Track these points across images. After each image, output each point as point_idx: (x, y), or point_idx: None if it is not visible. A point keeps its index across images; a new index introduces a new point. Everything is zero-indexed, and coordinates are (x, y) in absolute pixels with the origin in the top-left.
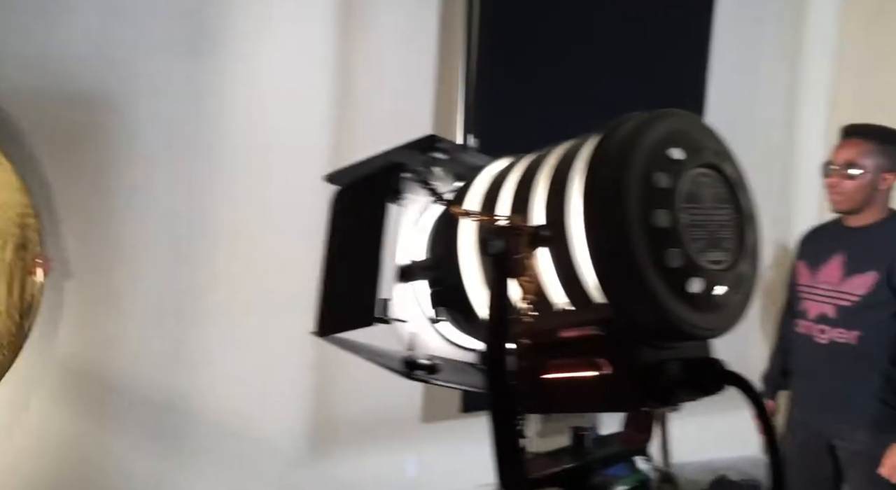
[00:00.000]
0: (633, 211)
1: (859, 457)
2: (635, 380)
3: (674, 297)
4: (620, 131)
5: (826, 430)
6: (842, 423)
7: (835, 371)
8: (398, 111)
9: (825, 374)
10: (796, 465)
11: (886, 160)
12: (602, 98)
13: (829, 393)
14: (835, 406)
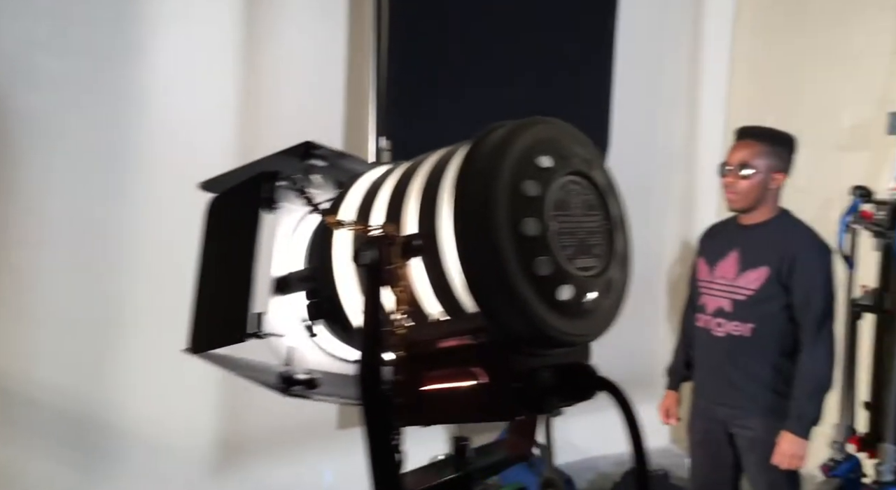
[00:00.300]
0: (502, 220)
1: (755, 443)
2: (509, 388)
3: (544, 305)
4: (489, 140)
5: (725, 418)
6: (738, 411)
7: (731, 362)
8: (308, 113)
9: (722, 366)
10: (699, 452)
11: (776, 161)
12: (513, 99)
13: (726, 383)
14: (731, 395)
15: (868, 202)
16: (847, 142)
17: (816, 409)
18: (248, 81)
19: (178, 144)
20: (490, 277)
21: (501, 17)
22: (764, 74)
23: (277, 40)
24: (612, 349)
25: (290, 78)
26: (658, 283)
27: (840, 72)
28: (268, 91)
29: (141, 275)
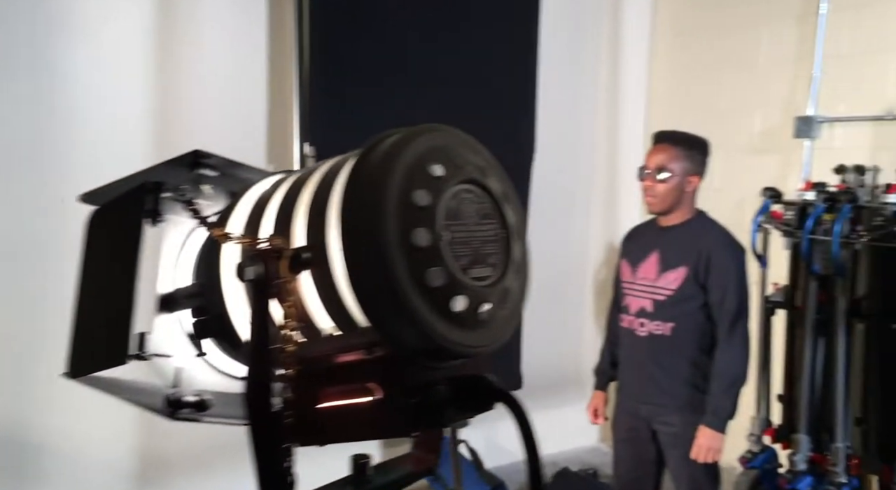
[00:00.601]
0: (392, 231)
1: (676, 439)
2: (405, 403)
3: (438, 317)
4: (378, 150)
5: (648, 415)
6: (660, 408)
7: (653, 361)
8: (229, 119)
9: (645, 364)
10: (623, 449)
11: (691, 164)
12: (439, 103)
13: (648, 381)
14: (654, 393)
15: (778, 203)
16: (758, 145)
17: (731, 403)
18: (165, 88)
19: (91, 153)
20: (380, 290)
21: (426, 21)
22: (681, 79)
23: (195, 45)
24: (542, 351)
25: (210, 83)
26: (585, 285)
27: (750, 78)
28: (186, 97)
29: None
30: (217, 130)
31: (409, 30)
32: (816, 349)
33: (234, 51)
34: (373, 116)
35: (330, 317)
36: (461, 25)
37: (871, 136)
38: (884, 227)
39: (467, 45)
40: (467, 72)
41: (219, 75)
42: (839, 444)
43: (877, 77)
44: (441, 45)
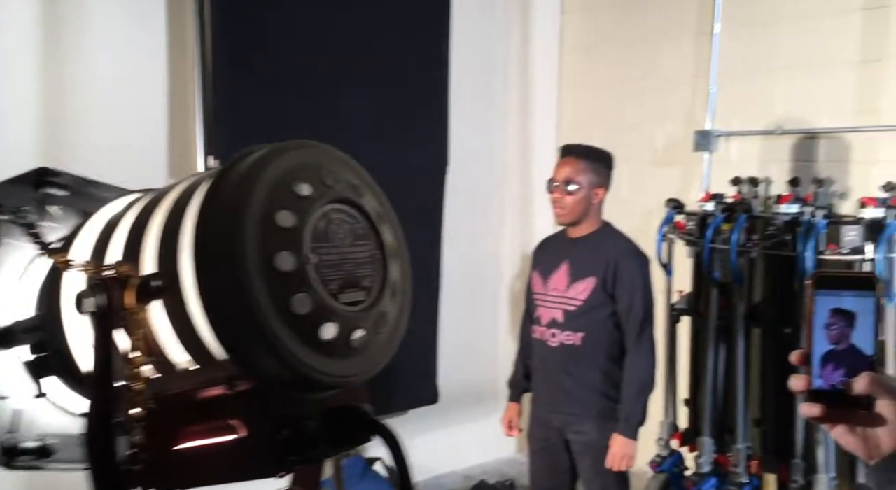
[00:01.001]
0: (251, 255)
1: (588, 448)
2: (271, 440)
3: (304, 346)
4: (238, 168)
5: (561, 425)
6: (572, 417)
7: (565, 371)
8: (126, 131)
9: (557, 375)
10: (538, 460)
11: (597, 177)
12: (351, 114)
13: (560, 391)
14: (566, 403)
15: (681, 213)
16: (662, 157)
17: (642, 410)
18: (56, 100)
19: None
20: (238, 320)
21: (335, 31)
22: (589, 93)
23: (88, 54)
24: (458, 364)
25: (104, 94)
26: (499, 297)
27: (653, 92)
28: (79, 109)
29: None
30: (112, 145)
31: (318, 40)
32: (718, 354)
33: (130, 59)
34: (281, 128)
35: (185, 350)
36: (370, 37)
37: (763, 149)
38: (776, 236)
39: (377, 56)
40: (377, 84)
41: (115, 86)
42: (740, 445)
43: (767, 93)
44: (350, 55)
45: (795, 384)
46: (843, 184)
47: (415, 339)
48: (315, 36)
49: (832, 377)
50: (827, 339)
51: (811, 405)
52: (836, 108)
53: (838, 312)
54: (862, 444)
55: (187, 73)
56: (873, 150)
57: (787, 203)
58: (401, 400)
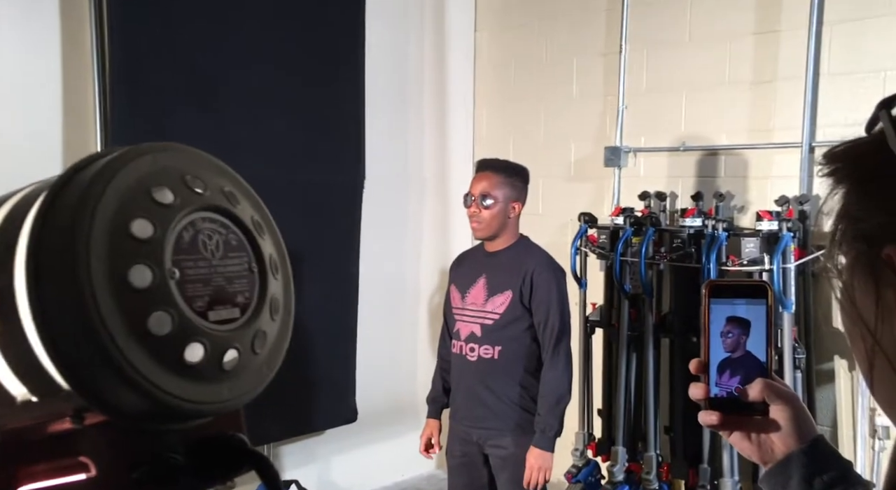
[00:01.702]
0: (99, 270)
1: (506, 462)
2: (124, 479)
3: (165, 371)
4: (86, 172)
5: (479, 439)
6: (491, 431)
7: (483, 384)
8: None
9: (475, 389)
10: (457, 475)
11: (513, 191)
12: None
13: (479, 405)
14: (484, 417)
15: (593, 227)
16: (575, 173)
17: (558, 421)
18: None
19: None
20: (81, 345)
21: (246, 48)
22: (504, 110)
23: None
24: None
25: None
26: (418, 312)
27: (565, 110)
28: None
29: None
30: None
31: (227, 55)
32: (630, 364)
33: (22, 68)
34: (187, 139)
35: (21, 380)
36: (282, 53)
37: (669, 165)
38: (682, 249)
39: (289, 73)
40: (289, 100)
41: (6, 88)
42: (651, 452)
43: (671, 112)
44: (262, 72)
45: (694, 392)
46: (742, 198)
47: (332, 358)
48: (224, 52)
49: (729, 384)
50: (723, 347)
51: (709, 413)
52: (734, 126)
53: (733, 320)
54: (757, 450)
55: (84, 79)
56: (768, 166)
57: (691, 217)
58: (319, 420)
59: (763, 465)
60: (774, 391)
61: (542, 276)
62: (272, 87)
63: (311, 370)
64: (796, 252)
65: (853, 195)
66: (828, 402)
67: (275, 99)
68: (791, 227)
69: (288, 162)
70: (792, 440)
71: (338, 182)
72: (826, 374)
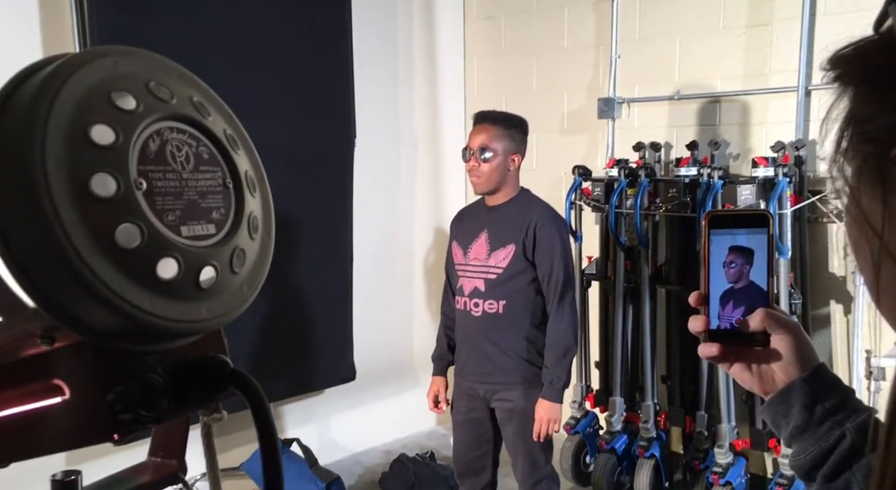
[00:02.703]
0: (57, 177)
1: (513, 414)
2: (99, 401)
3: (137, 286)
4: (40, 74)
5: (486, 394)
6: (497, 385)
7: (488, 339)
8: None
9: (481, 344)
10: (462, 430)
11: (512, 143)
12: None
13: (485, 360)
14: (490, 371)
15: (587, 180)
16: (568, 126)
17: (565, 372)
18: None
19: None
20: (46, 258)
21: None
22: (495, 63)
23: None
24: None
25: None
26: (414, 270)
27: (557, 61)
28: None
29: None
30: None
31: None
32: (627, 316)
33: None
34: None
35: None
36: (267, 6)
37: (664, 114)
38: (676, 199)
39: (276, 32)
40: (277, 61)
41: None
42: (648, 401)
43: (665, 60)
44: (244, 28)
45: (693, 325)
46: (739, 145)
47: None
48: (207, 12)
49: (732, 315)
50: (726, 278)
51: (708, 345)
52: (730, 72)
53: (736, 250)
54: (758, 381)
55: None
56: (764, 112)
57: (686, 166)
58: (318, 379)
59: (764, 395)
60: (776, 320)
61: (544, 228)
62: (256, 45)
63: (309, 330)
64: (792, 198)
65: (860, 96)
66: (823, 347)
67: (260, 58)
68: (787, 173)
69: (276, 122)
70: (793, 369)
71: (328, 143)
72: (822, 319)
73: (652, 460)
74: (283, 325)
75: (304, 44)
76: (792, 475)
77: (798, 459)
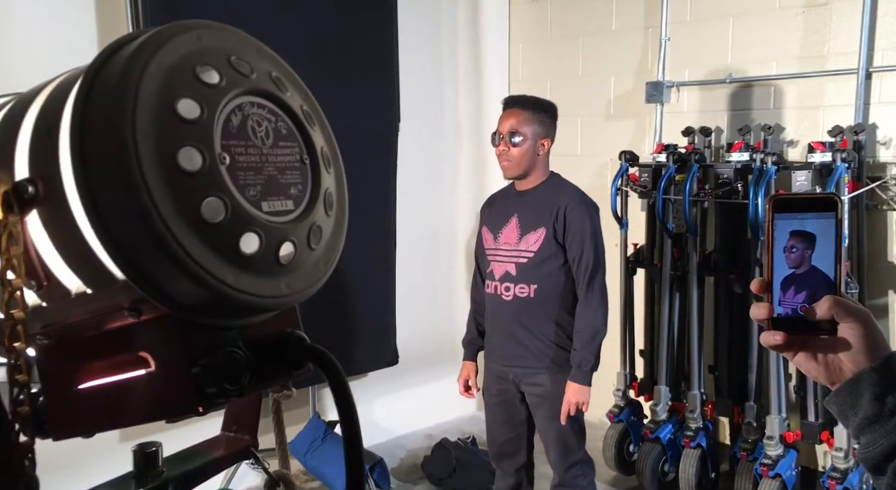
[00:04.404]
0: (147, 150)
1: (544, 399)
2: (184, 374)
3: (222, 261)
4: (126, 48)
5: (516, 378)
6: (528, 369)
7: (519, 323)
8: None
9: (511, 328)
10: (495, 414)
11: (541, 127)
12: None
13: (515, 344)
14: (521, 355)
15: (634, 166)
16: (614, 110)
17: (594, 355)
18: None
19: None
20: (135, 231)
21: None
22: (539, 47)
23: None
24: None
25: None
26: (456, 256)
27: (604, 45)
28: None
29: None
30: None
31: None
32: (673, 304)
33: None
34: None
35: (74, 271)
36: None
37: (713, 98)
38: (727, 185)
39: (322, 13)
40: (323, 43)
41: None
42: (695, 391)
43: (716, 43)
44: (292, 13)
45: (756, 312)
46: (792, 130)
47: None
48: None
49: (793, 302)
50: (787, 263)
51: (772, 333)
52: (784, 54)
53: (798, 234)
54: (824, 370)
55: (119, 28)
56: (821, 95)
57: (738, 151)
58: (360, 362)
59: (830, 385)
60: (844, 308)
61: (574, 211)
62: (303, 30)
63: (353, 314)
64: (850, 184)
65: None
66: None
67: (306, 42)
68: (846, 158)
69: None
70: (862, 358)
71: (373, 128)
72: (880, 310)
73: (698, 450)
74: (326, 309)
75: (349, 29)
76: (846, 468)
77: (867, 451)
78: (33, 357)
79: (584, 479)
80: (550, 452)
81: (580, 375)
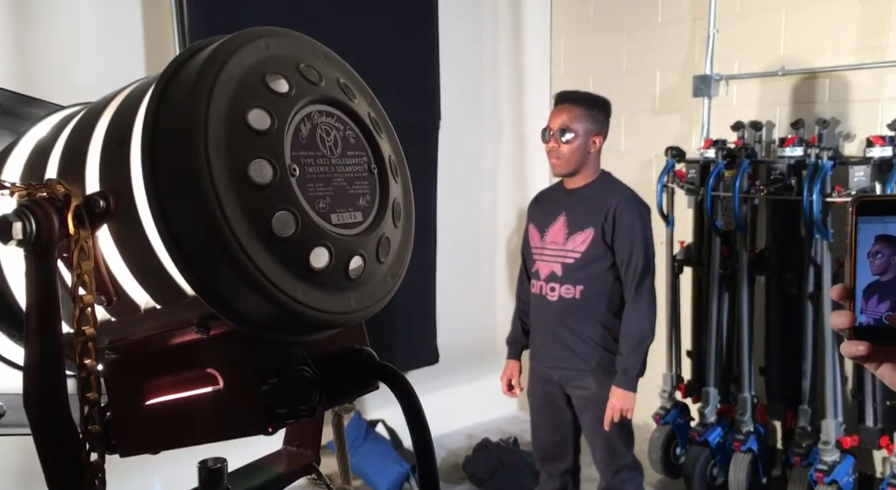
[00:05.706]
0: (217, 162)
1: (589, 402)
2: (253, 392)
3: (292, 276)
4: (196, 59)
5: (561, 380)
6: (573, 372)
7: (564, 325)
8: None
9: (556, 329)
10: (539, 416)
11: (594, 124)
12: None
13: (560, 346)
14: (566, 357)
15: (681, 162)
16: (660, 105)
17: (640, 361)
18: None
19: None
20: (206, 245)
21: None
22: (583, 41)
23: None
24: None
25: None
26: (497, 254)
27: (649, 38)
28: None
29: None
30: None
31: None
32: (722, 304)
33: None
34: None
35: (143, 287)
36: None
37: (764, 91)
38: (780, 181)
39: (363, 11)
40: (364, 38)
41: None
42: (745, 394)
43: (768, 34)
44: (334, 8)
45: (837, 321)
46: (848, 124)
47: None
48: None
49: (877, 311)
50: (870, 269)
51: (854, 343)
52: (840, 45)
53: (884, 239)
54: None
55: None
56: (879, 88)
57: (791, 146)
58: (401, 361)
59: None
60: None
61: (624, 213)
62: (344, 25)
63: (394, 313)
64: None
65: None
66: None
67: (348, 38)
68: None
69: None
70: None
71: (413, 123)
72: None
73: (749, 455)
74: None
75: (390, 23)
76: None
77: None
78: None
79: (631, 484)
80: (597, 456)
81: (625, 381)
